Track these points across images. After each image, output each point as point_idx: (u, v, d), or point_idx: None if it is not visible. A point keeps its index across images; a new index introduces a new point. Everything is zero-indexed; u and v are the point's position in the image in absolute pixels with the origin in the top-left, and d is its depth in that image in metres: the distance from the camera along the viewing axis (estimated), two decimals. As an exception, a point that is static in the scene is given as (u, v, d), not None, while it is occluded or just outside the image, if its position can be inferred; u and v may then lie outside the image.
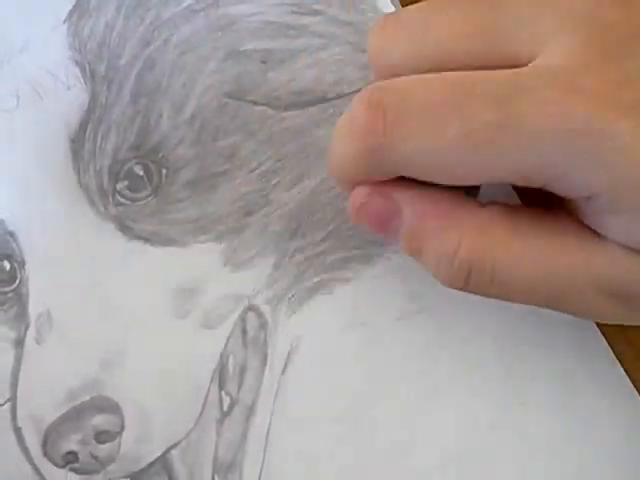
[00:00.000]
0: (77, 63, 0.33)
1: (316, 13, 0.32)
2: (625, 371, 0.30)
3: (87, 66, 0.33)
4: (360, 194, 0.26)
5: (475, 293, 0.26)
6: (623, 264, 0.24)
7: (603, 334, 0.30)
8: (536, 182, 0.24)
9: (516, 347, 0.30)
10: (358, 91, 0.31)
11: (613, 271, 0.24)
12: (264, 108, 0.32)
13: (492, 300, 0.30)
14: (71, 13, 0.33)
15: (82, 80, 0.32)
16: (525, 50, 0.24)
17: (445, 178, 0.24)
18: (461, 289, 0.26)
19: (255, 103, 0.32)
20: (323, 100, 0.32)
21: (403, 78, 0.25)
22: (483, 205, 0.26)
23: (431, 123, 0.23)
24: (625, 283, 0.24)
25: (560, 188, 0.24)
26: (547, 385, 0.30)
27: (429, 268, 0.26)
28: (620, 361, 0.30)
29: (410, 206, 0.25)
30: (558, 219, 0.25)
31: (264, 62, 0.32)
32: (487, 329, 0.30)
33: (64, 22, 0.33)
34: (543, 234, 0.25)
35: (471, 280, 0.25)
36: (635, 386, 0.30)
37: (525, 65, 0.24)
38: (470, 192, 0.26)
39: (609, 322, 0.27)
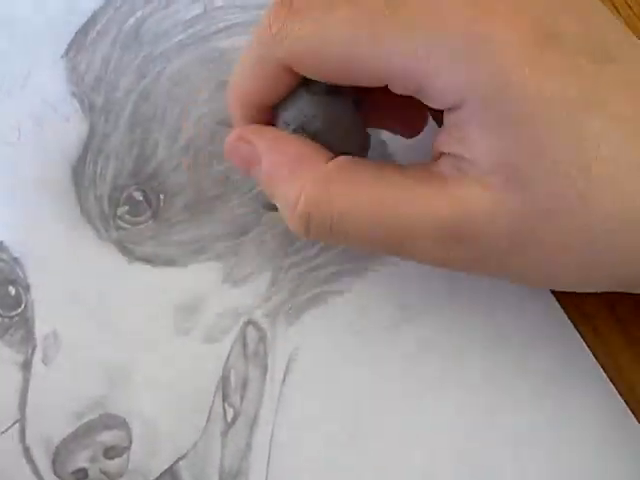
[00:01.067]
0: (75, 96, 0.34)
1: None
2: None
3: (85, 99, 0.34)
4: (230, 138, 0.28)
5: (321, 241, 0.28)
6: (471, 204, 0.24)
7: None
8: (410, 85, 0.24)
9: (500, 347, 0.32)
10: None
11: (459, 213, 0.24)
12: (255, 134, 0.34)
13: (478, 307, 0.32)
14: (69, 48, 0.35)
15: (81, 112, 0.34)
16: None
17: (326, 73, 0.26)
18: (307, 238, 0.27)
19: (246, 130, 0.34)
20: (310, 124, 0.34)
21: None
22: (331, 158, 0.27)
23: (324, 7, 0.25)
24: (472, 223, 0.24)
25: (432, 92, 0.24)
26: (532, 383, 0.32)
27: (281, 214, 0.28)
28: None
29: (266, 153, 0.27)
30: (407, 170, 0.26)
31: (253, 91, 0.34)
32: (472, 334, 0.32)
33: (62, 57, 0.35)
34: (384, 185, 0.26)
35: (311, 230, 0.26)
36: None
37: None
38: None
39: (455, 269, 0.28)
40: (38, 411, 0.33)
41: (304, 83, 0.27)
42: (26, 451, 0.32)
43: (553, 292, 0.32)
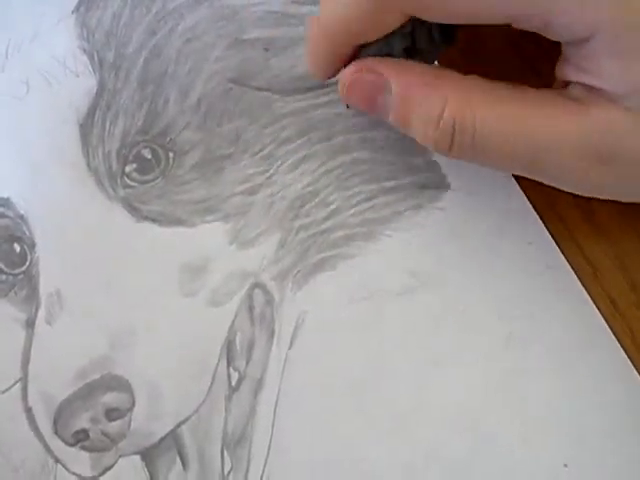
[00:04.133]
0: (85, 52, 0.34)
1: (316, 2, 0.33)
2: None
3: (95, 54, 0.34)
4: (350, 71, 0.28)
5: (460, 158, 0.27)
6: (614, 124, 0.25)
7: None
8: (535, 22, 0.25)
9: (514, 318, 0.31)
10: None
11: (603, 131, 0.25)
12: (267, 93, 0.33)
13: (491, 272, 0.32)
14: (79, 4, 0.34)
15: (90, 68, 0.34)
16: None
17: (451, 16, 0.25)
18: (448, 154, 0.27)
19: (258, 89, 0.33)
20: (324, 85, 0.33)
21: None
22: (464, 75, 0.27)
23: None
24: (616, 142, 0.25)
25: (558, 28, 0.24)
26: (546, 352, 0.31)
27: (417, 136, 0.27)
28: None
29: (396, 77, 0.27)
30: (541, 92, 0.26)
31: (266, 49, 0.33)
32: (486, 301, 0.31)
33: (72, 12, 0.34)
34: (524, 101, 0.26)
35: (455, 142, 0.26)
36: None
37: None
38: None
39: (591, 192, 0.28)
40: (40, 371, 0.32)
41: None
42: (27, 411, 0.32)
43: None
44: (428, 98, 0.26)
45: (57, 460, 0.32)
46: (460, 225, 0.32)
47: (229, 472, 0.31)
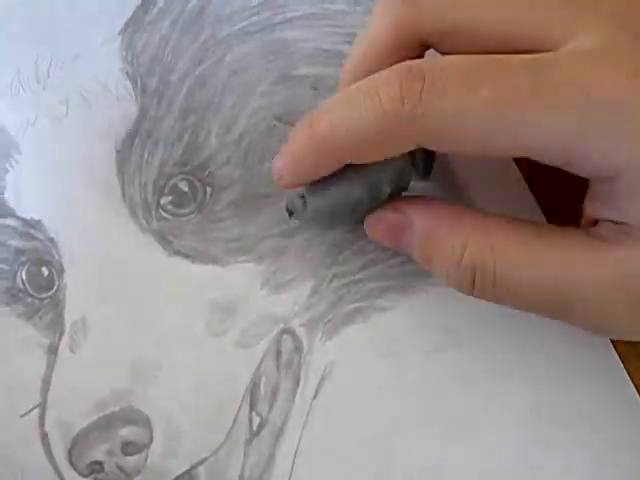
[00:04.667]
0: (128, 75, 0.33)
1: (369, 43, 0.32)
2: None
3: (138, 79, 0.33)
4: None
5: (483, 298, 0.27)
6: (637, 266, 0.24)
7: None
8: (557, 160, 0.24)
9: (546, 387, 0.31)
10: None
11: (634, 277, 0.24)
12: (312, 133, 0.32)
13: (527, 335, 0.31)
14: (126, 26, 0.34)
15: (132, 92, 0.33)
16: (556, 35, 0.24)
17: (472, 146, 0.25)
18: (470, 294, 0.27)
19: (303, 127, 0.32)
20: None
21: (442, 56, 0.26)
22: (487, 214, 0.26)
23: (466, 85, 0.23)
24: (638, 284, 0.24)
25: (583, 165, 0.24)
26: (576, 423, 0.30)
27: (439, 275, 0.27)
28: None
29: (420, 218, 0.27)
30: (567, 232, 0.26)
31: (315, 88, 0.32)
32: (518, 366, 0.31)
33: (119, 34, 0.33)
34: (549, 244, 0.25)
35: (476, 284, 0.26)
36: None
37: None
38: None
39: (626, 337, 0.28)
40: (60, 398, 0.32)
41: None
42: (44, 437, 0.31)
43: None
44: (448, 241, 0.26)
45: (70, 490, 0.31)
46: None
47: (243, 518, 0.31)
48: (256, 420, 0.31)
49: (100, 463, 0.31)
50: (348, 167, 0.26)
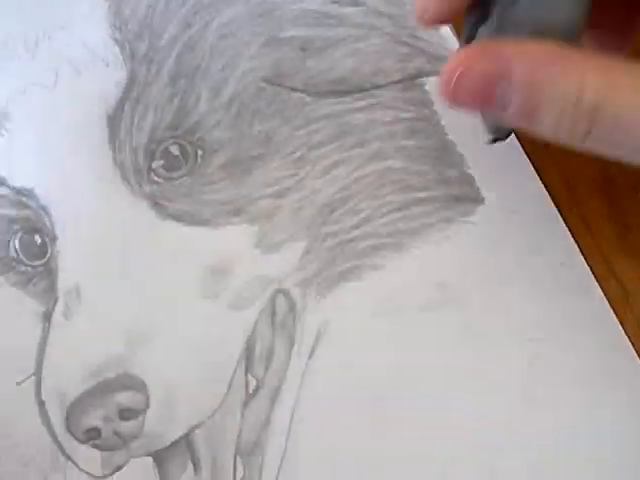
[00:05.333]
0: (117, 42, 0.33)
1: (356, 4, 0.33)
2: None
3: (127, 45, 0.33)
4: (461, 59, 0.23)
5: (594, 148, 0.23)
6: None
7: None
8: None
9: (540, 341, 0.30)
10: (395, 83, 0.32)
11: None
12: (301, 95, 0.32)
13: (519, 292, 0.31)
14: (114, -8, 0.34)
15: (121, 58, 0.33)
16: None
17: None
18: (581, 143, 0.23)
19: (293, 89, 0.32)
20: (360, 90, 0.32)
21: None
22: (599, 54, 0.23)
23: None
24: None
25: None
26: (571, 378, 0.30)
27: (547, 125, 0.23)
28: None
29: (522, 59, 0.23)
30: None
31: (303, 50, 0.32)
32: (511, 322, 0.31)
33: (106, 0, 0.34)
34: None
35: (595, 126, 0.23)
36: None
37: None
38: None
39: None
40: (55, 365, 0.32)
41: None
42: (40, 405, 0.31)
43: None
44: (564, 77, 0.23)
45: (68, 457, 0.31)
46: (491, 241, 0.31)
47: (241, 480, 0.31)
48: (252, 382, 0.31)
49: (97, 429, 0.31)
50: None
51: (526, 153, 0.32)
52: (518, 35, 0.23)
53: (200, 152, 0.32)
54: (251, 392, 0.31)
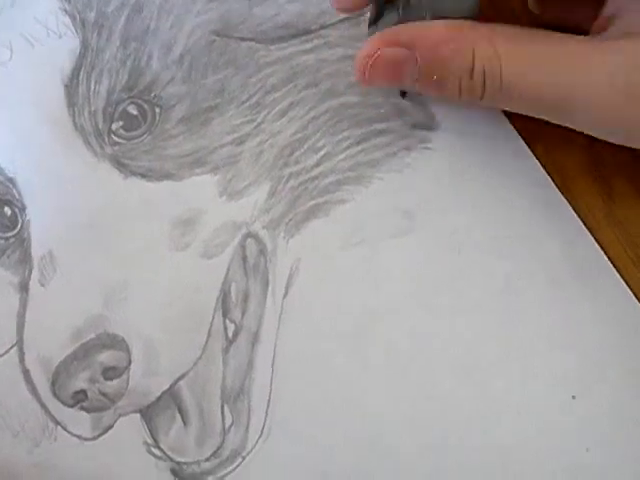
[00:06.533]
0: (67, 12, 0.34)
1: (296, -48, 0.33)
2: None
3: (77, 14, 0.34)
4: (368, 49, 0.28)
5: (492, 105, 0.28)
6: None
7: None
8: None
9: (512, 256, 0.31)
10: (342, 21, 0.33)
11: (633, 68, 0.25)
12: (251, 43, 0.33)
13: (486, 210, 0.31)
14: (59, -36, 0.34)
15: (72, 28, 0.33)
16: None
17: None
18: (480, 102, 0.27)
19: (242, 39, 0.33)
20: (308, 32, 0.32)
21: None
22: (489, 24, 0.27)
23: None
24: None
25: None
26: (546, 287, 0.30)
27: (450, 92, 0.28)
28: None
29: (422, 42, 0.27)
30: (567, 35, 0.26)
31: (248, -1, 0.33)
32: (482, 241, 0.31)
33: (52, -27, 0.34)
34: (549, 42, 0.26)
35: (486, 89, 0.27)
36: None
37: None
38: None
39: (623, 140, 0.28)
40: (36, 333, 0.32)
41: None
42: (25, 374, 0.32)
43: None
44: (458, 52, 0.27)
45: (57, 422, 0.31)
46: (451, 164, 0.32)
47: (230, 426, 0.31)
48: (231, 327, 0.31)
49: (83, 391, 0.31)
50: None
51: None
52: (421, 16, 0.28)
53: (157, 109, 0.33)
54: (231, 337, 0.31)
